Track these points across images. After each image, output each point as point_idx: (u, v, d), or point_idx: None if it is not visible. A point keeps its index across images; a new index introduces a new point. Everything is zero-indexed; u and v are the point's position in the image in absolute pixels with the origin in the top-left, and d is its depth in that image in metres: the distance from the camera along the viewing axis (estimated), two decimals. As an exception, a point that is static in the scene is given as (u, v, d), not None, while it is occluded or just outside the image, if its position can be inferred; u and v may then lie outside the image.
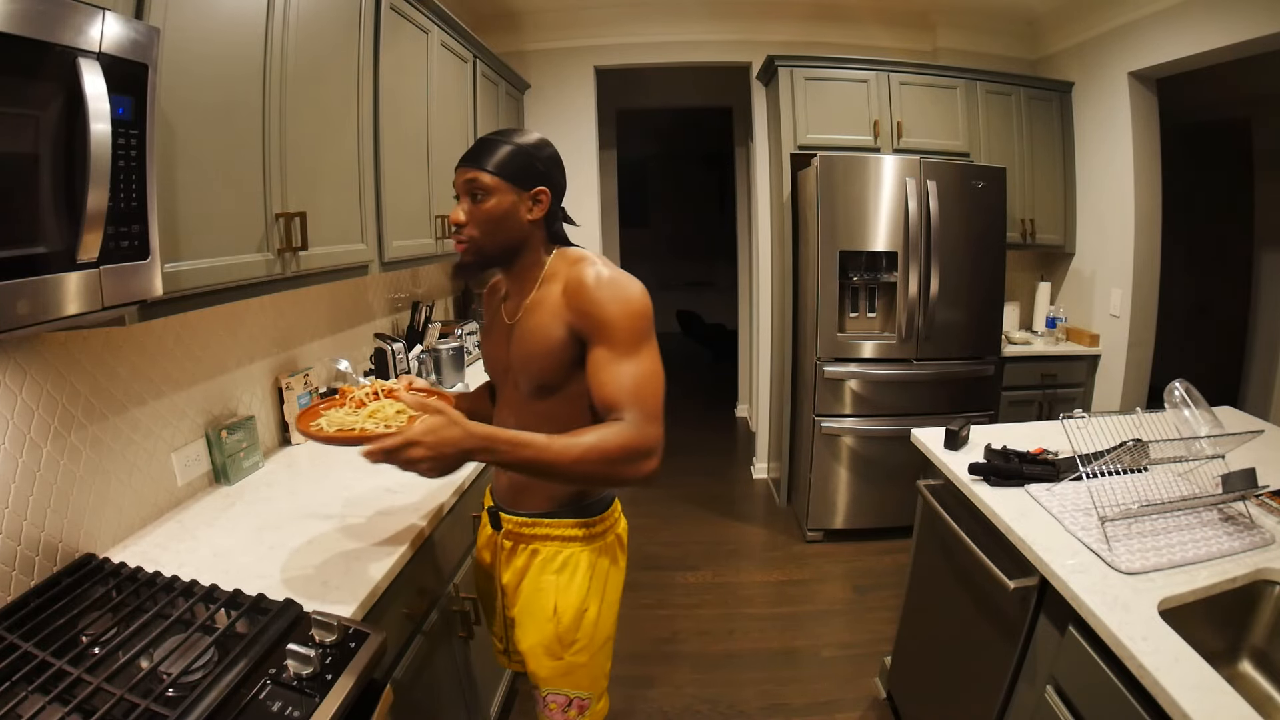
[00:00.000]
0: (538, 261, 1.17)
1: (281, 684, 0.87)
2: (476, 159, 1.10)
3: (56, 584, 1.06)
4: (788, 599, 2.64)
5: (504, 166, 1.09)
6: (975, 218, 2.82)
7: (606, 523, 1.24)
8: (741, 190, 4.54)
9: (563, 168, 1.18)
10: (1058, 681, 1.11)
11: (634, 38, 3.42)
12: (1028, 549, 1.20)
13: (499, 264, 1.17)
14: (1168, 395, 1.46)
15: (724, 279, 6.74)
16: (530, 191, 1.11)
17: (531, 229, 1.14)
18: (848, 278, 2.85)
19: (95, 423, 1.24)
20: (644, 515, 3.40)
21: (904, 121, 3.04)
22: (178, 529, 1.34)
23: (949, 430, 1.69)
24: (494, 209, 1.09)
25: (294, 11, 1.33)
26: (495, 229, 1.11)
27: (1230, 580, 1.07)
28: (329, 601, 1.07)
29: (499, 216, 1.10)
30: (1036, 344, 3.20)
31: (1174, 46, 2.56)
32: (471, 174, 1.09)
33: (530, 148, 1.11)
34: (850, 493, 3.01)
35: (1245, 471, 1.21)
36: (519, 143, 1.11)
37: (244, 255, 1.24)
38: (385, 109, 1.74)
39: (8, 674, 0.84)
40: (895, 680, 1.99)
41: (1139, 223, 2.86)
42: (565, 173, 1.18)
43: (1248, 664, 1.11)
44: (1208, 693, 0.83)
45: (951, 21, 3.32)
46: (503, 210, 1.09)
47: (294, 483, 1.58)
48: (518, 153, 1.10)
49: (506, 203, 1.09)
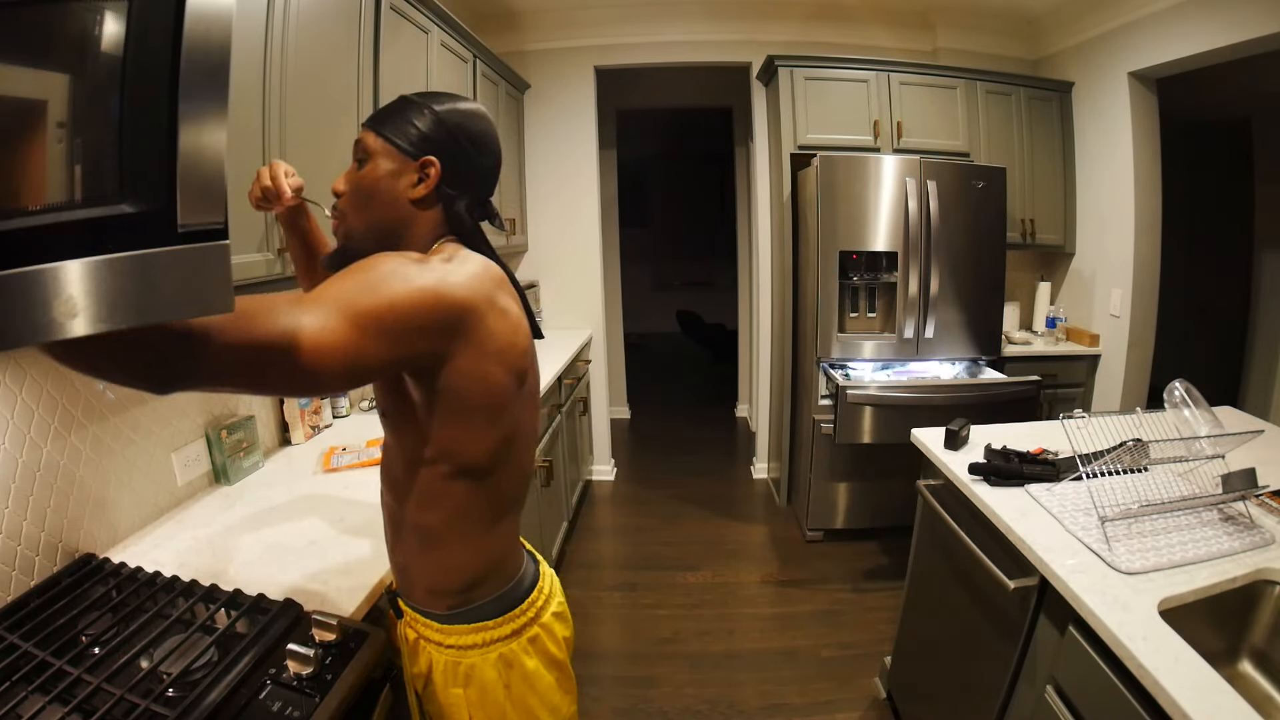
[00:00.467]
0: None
1: (281, 684, 0.87)
2: (375, 118, 0.91)
3: (56, 584, 1.06)
4: (788, 599, 2.64)
5: (393, 127, 0.89)
6: (975, 218, 2.82)
7: (522, 618, 0.97)
8: (741, 190, 4.54)
9: (487, 147, 0.93)
10: (1058, 681, 1.11)
11: (634, 38, 3.42)
12: (1028, 549, 1.20)
13: (368, 250, 0.88)
14: (1168, 395, 1.46)
15: (724, 279, 6.73)
16: (417, 161, 0.88)
17: (412, 212, 0.90)
18: (848, 278, 2.84)
19: (95, 423, 1.24)
20: (644, 515, 3.40)
21: (904, 121, 3.04)
22: (178, 529, 1.34)
23: (949, 430, 1.69)
24: (367, 175, 0.88)
25: (294, 11, 1.33)
26: (365, 201, 0.89)
27: (1230, 580, 1.07)
28: (329, 601, 1.07)
29: (370, 186, 0.88)
30: (1036, 344, 3.20)
31: (1174, 46, 2.56)
32: (361, 133, 0.91)
33: (442, 111, 0.90)
34: (850, 493, 3.01)
35: (1245, 471, 1.21)
36: (430, 105, 0.90)
37: (244, 255, 1.24)
38: (385, 109, 1.74)
39: (8, 674, 0.84)
40: (895, 680, 1.99)
41: (1139, 223, 2.86)
42: (494, 158, 0.95)
43: (1248, 664, 1.11)
44: (1208, 693, 0.83)
45: (951, 21, 3.32)
46: (376, 178, 0.88)
47: (294, 483, 1.58)
48: (418, 114, 0.89)
49: (383, 170, 0.88)
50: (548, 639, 1.00)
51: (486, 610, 0.95)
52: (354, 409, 2.16)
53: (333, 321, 0.70)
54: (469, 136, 0.91)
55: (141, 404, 1.35)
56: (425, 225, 0.91)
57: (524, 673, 0.96)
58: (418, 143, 0.88)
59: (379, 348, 0.74)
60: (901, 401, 2.67)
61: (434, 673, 0.97)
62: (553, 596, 1.04)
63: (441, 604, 0.95)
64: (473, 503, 0.91)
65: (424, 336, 0.78)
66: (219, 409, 1.58)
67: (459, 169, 0.90)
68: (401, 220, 0.90)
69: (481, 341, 0.84)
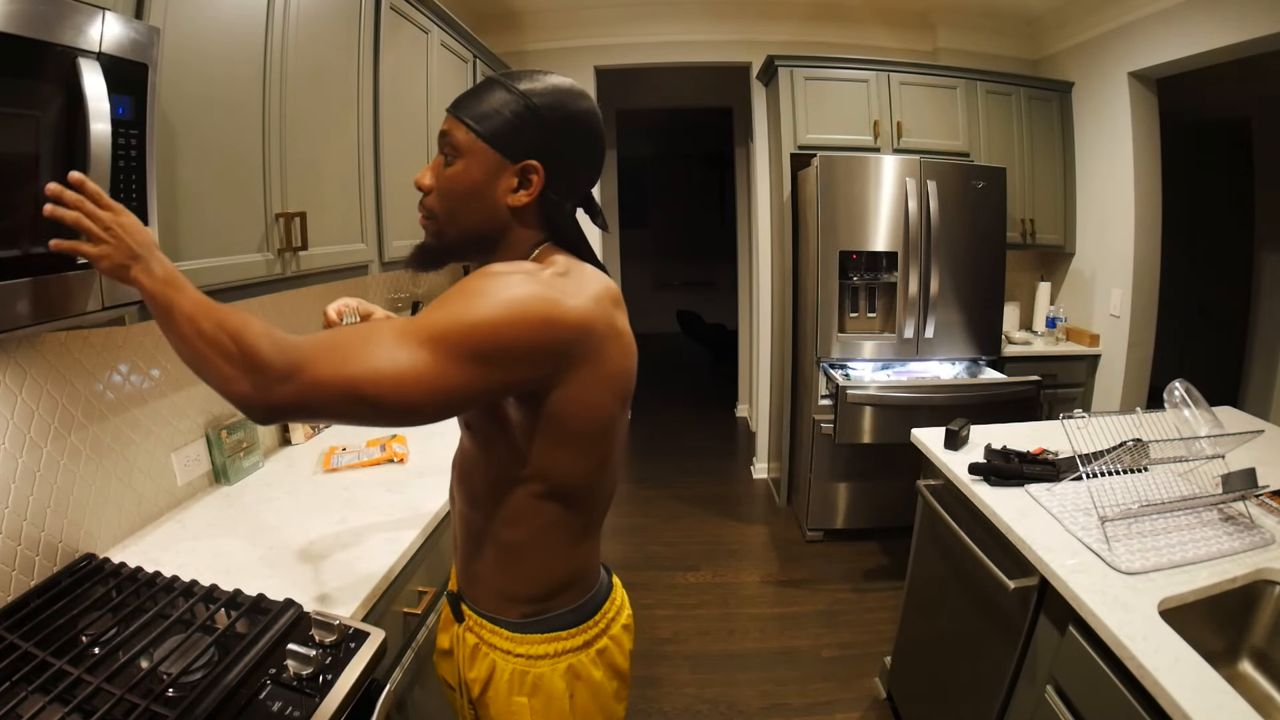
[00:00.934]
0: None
1: (281, 684, 0.87)
2: (461, 104, 0.82)
3: (56, 584, 1.06)
4: (788, 599, 2.64)
5: (488, 120, 0.79)
6: (975, 218, 2.82)
7: (595, 628, 0.94)
8: (741, 190, 4.54)
9: (592, 141, 0.84)
10: (1058, 681, 1.11)
11: (634, 38, 3.42)
12: (1028, 549, 1.20)
13: (461, 255, 0.87)
14: (1168, 395, 1.46)
15: (724, 279, 6.74)
16: (518, 164, 0.80)
17: (510, 218, 0.82)
18: (848, 278, 2.84)
19: (95, 423, 1.24)
20: (644, 515, 3.40)
21: (904, 121, 3.03)
22: (178, 529, 1.34)
23: (949, 430, 1.69)
24: (458, 178, 0.80)
25: (294, 11, 1.33)
26: (459, 206, 0.81)
27: (1230, 580, 1.07)
28: (329, 601, 1.07)
29: (463, 191, 0.80)
30: (1036, 344, 3.20)
31: (1174, 46, 2.56)
32: (448, 123, 0.82)
33: (540, 101, 0.79)
34: (850, 493, 3.01)
35: (1245, 471, 1.21)
36: (523, 89, 0.79)
37: (244, 255, 1.23)
38: (385, 109, 1.74)
39: (8, 674, 0.84)
40: (895, 680, 1.99)
41: (1139, 223, 2.86)
42: (599, 148, 0.86)
43: (1248, 664, 1.11)
44: (1208, 693, 0.83)
45: (951, 21, 3.32)
46: (470, 182, 0.80)
47: (294, 483, 1.58)
48: (515, 105, 0.79)
49: (478, 173, 0.80)
50: (615, 651, 0.97)
51: (562, 620, 0.91)
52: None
53: (426, 355, 0.68)
54: (572, 125, 0.81)
55: (141, 404, 1.35)
56: (525, 231, 0.84)
57: (590, 683, 0.93)
58: (516, 141, 0.79)
59: (481, 376, 0.70)
60: (901, 401, 2.67)
61: (497, 680, 0.92)
62: (623, 609, 1.01)
63: (515, 611, 0.91)
64: (563, 521, 0.88)
65: (531, 363, 0.74)
66: (219, 409, 1.58)
67: (563, 170, 0.82)
68: (499, 227, 0.83)
69: (595, 368, 0.78)
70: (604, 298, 0.82)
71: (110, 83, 0.82)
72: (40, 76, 0.75)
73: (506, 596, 0.92)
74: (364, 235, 1.69)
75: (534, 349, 0.73)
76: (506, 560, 0.90)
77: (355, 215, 1.65)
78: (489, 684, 0.93)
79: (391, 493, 1.50)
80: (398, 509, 1.41)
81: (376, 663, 0.96)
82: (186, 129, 1.06)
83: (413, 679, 1.29)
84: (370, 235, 1.72)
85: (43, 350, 1.13)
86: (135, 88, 0.88)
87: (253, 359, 0.66)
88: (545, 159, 0.80)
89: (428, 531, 1.36)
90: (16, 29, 0.71)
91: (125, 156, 0.87)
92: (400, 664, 1.24)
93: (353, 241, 1.64)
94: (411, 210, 1.96)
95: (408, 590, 1.28)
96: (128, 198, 0.88)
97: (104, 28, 0.82)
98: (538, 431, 0.80)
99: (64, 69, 0.77)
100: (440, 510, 1.43)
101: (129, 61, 0.86)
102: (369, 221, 1.71)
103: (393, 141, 1.81)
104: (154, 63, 0.90)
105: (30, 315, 0.79)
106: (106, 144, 0.81)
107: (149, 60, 0.89)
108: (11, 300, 0.76)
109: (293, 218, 1.34)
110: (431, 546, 1.40)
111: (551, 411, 0.78)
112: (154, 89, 0.91)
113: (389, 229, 1.80)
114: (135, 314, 1.00)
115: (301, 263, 1.39)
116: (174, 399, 1.44)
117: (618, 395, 0.84)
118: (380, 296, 2.46)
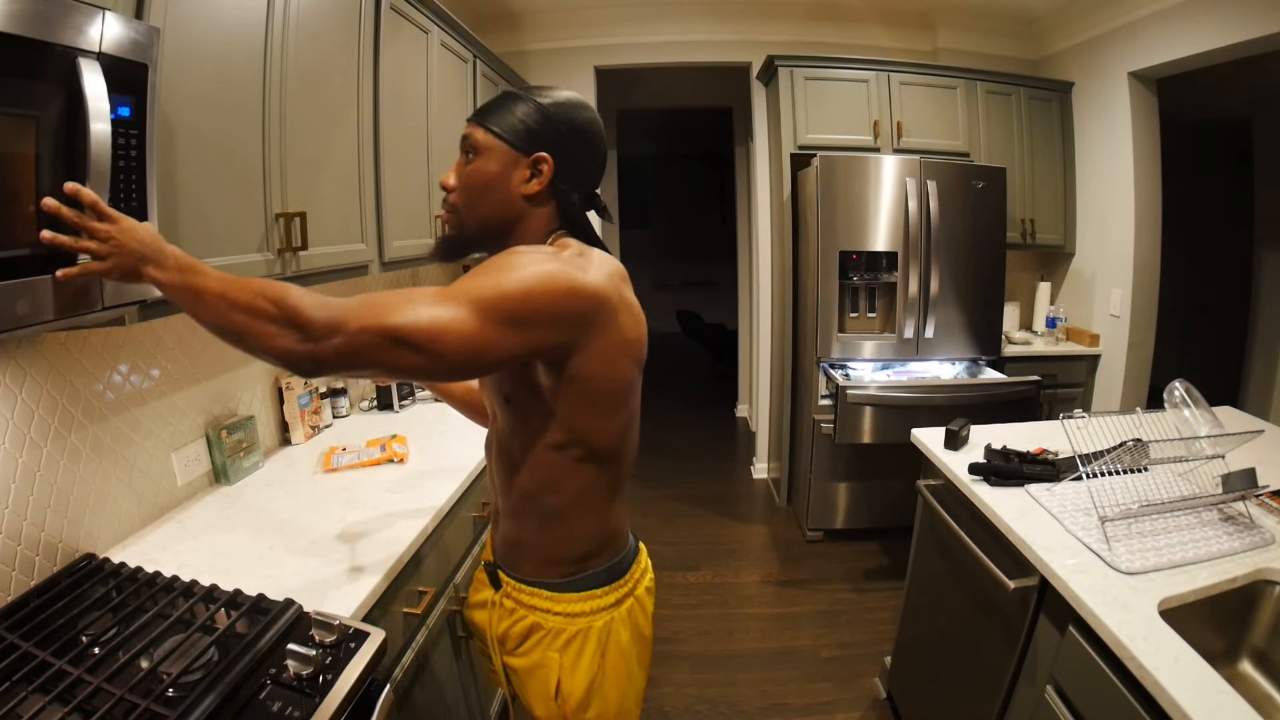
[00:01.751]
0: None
1: (281, 684, 0.87)
2: (481, 112, 0.95)
3: (56, 584, 1.06)
4: (788, 599, 2.64)
5: (504, 121, 0.91)
6: (975, 218, 2.82)
7: (625, 588, 1.04)
8: (741, 190, 4.54)
9: (594, 142, 0.96)
10: (1058, 681, 1.11)
11: (634, 38, 3.42)
12: (1028, 549, 1.20)
13: (479, 244, 0.96)
14: (1168, 395, 1.46)
15: (724, 279, 6.74)
16: (530, 157, 0.92)
17: (525, 206, 0.93)
18: (848, 277, 2.84)
19: (95, 423, 1.24)
20: (644, 515, 3.40)
21: (904, 121, 3.03)
22: (178, 529, 1.34)
23: (949, 430, 1.69)
24: (477, 172, 0.92)
25: (294, 11, 1.33)
26: (478, 197, 0.93)
27: (1230, 580, 1.07)
28: (329, 601, 1.07)
29: (483, 182, 0.92)
30: (1036, 344, 3.20)
31: (1174, 46, 2.56)
32: (469, 128, 0.95)
33: (549, 106, 0.92)
34: (850, 493, 3.01)
35: (1245, 471, 1.21)
36: (536, 99, 0.93)
37: (244, 255, 1.23)
38: (385, 109, 1.74)
39: (8, 674, 0.84)
40: (895, 680, 1.99)
41: (1139, 223, 2.86)
42: (601, 150, 0.98)
43: (1248, 664, 1.11)
44: (1208, 693, 0.83)
45: (951, 21, 3.32)
46: (488, 175, 0.91)
47: (294, 483, 1.58)
48: (527, 109, 0.92)
49: (495, 166, 0.91)
50: (639, 612, 1.06)
51: (597, 579, 1.01)
52: (354, 409, 2.16)
53: (464, 312, 0.77)
54: (577, 129, 0.93)
55: (141, 404, 1.35)
56: (538, 219, 0.95)
57: (618, 642, 1.02)
58: (527, 137, 0.91)
59: (510, 337, 0.79)
60: (901, 401, 2.67)
61: (534, 636, 1.01)
62: (647, 572, 1.11)
63: (556, 572, 1.01)
64: (599, 482, 0.98)
65: (556, 326, 0.83)
66: (219, 409, 1.58)
67: (569, 163, 0.93)
68: (515, 215, 0.94)
69: (612, 334, 0.89)
70: (614, 274, 0.92)
71: (110, 83, 0.82)
72: (40, 76, 0.75)
73: (548, 559, 1.01)
74: (364, 235, 1.69)
75: (559, 314, 0.82)
76: (549, 525, 0.99)
77: (355, 215, 1.65)
78: (524, 639, 1.03)
79: (391, 493, 1.50)
80: (398, 509, 1.41)
81: (376, 663, 0.96)
82: (186, 129, 1.06)
83: (413, 679, 1.29)
84: (370, 235, 1.72)
85: (43, 350, 1.13)
86: (135, 88, 0.88)
87: (295, 317, 0.73)
88: (552, 151, 0.92)
89: (428, 531, 1.36)
90: (16, 29, 0.71)
91: (125, 157, 0.87)
92: (400, 664, 1.24)
93: (353, 241, 1.64)
94: (411, 210, 1.98)
95: (408, 590, 1.28)
96: (128, 198, 0.88)
97: (104, 28, 0.82)
98: (568, 394, 0.89)
99: (64, 69, 0.77)
100: (441, 509, 1.43)
101: (129, 61, 0.86)
102: (369, 221, 1.71)
103: (393, 141, 1.81)
104: (154, 63, 0.90)
105: (30, 315, 0.79)
106: (106, 144, 0.81)
107: (149, 60, 0.89)
108: (11, 300, 0.76)
109: (293, 218, 1.34)
110: (432, 546, 1.40)
111: (576, 373, 0.88)
112: (154, 89, 0.91)
113: (389, 229, 1.80)
114: (135, 314, 1.00)
115: (301, 263, 1.39)
116: (174, 399, 1.44)
117: (634, 359, 0.94)
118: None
